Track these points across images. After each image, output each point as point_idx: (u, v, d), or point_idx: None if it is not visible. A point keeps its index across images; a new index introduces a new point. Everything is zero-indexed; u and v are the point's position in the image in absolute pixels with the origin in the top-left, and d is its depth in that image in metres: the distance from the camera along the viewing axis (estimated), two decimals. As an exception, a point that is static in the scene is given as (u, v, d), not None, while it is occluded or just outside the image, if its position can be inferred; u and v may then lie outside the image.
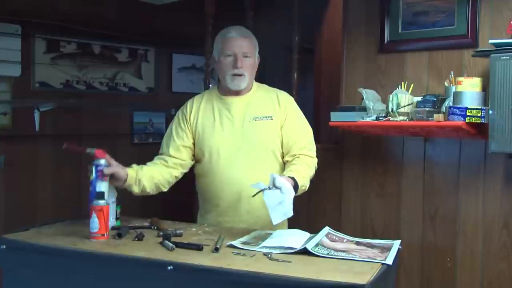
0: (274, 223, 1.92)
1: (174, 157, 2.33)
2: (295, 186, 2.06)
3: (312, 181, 2.28)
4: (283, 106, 2.32)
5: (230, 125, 2.28)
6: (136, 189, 2.21)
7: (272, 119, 2.29)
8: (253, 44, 2.30)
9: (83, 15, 3.93)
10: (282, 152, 2.31)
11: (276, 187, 1.92)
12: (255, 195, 2.01)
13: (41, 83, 3.84)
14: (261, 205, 2.10)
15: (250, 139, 2.26)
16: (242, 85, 2.28)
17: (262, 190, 1.93)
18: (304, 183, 2.16)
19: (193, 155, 2.36)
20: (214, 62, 2.34)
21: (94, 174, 2.09)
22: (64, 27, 3.82)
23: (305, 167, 2.22)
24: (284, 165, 2.30)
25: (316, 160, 2.31)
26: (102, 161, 2.09)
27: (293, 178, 2.07)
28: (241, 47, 2.24)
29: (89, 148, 2.11)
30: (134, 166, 2.23)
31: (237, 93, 2.31)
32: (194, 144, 2.34)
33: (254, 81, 2.38)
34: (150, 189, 2.25)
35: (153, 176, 2.26)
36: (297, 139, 2.29)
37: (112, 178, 2.11)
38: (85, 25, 3.93)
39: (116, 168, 2.12)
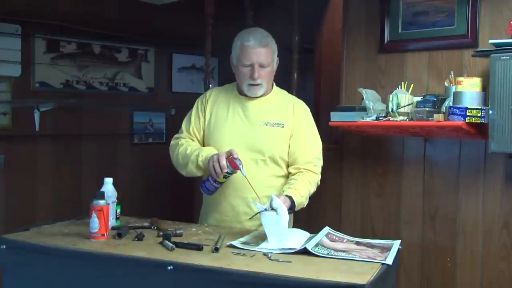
0: (271, 243, 1.90)
1: (193, 141, 2.37)
2: (292, 206, 2.09)
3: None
4: (297, 115, 2.31)
5: (241, 125, 2.28)
6: None
7: (283, 127, 2.28)
8: (271, 51, 2.26)
9: (83, 15, 3.93)
10: (288, 161, 2.30)
11: (273, 209, 1.94)
12: (252, 217, 2.07)
13: (41, 83, 3.83)
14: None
15: (257, 142, 2.26)
16: (259, 93, 2.28)
17: (259, 212, 1.95)
18: (302, 202, 2.18)
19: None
20: (232, 65, 2.33)
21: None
22: (64, 27, 3.82)
23: (306, 184, 2.21)
24: (287, 174, 2.30)
25: (319, 177, 2.31)
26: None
27: (290, 197, 2.09)
28: (259, 57, 2.21)
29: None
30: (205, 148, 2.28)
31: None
32: (203, 134, 2.36)
33: (274, 84, 2.38)
34: None
35: None
36: (304, 151, 2.28)
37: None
38: (85, 25, 3.93)
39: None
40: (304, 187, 2.20)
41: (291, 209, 2.10)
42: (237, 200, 2.26)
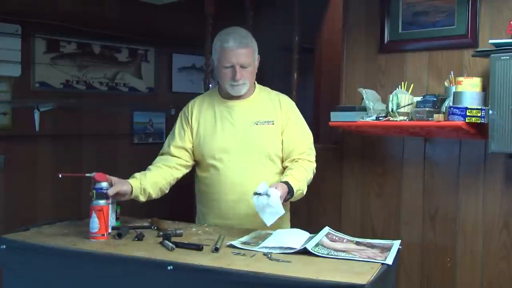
0: (268, 224, 1.97)
1: (176, 157, 2.33)
2: (290, 189, 2.09)
3: (312, 181, 2.29)
4: (284, 110, 2.31)
5: (231, 129, 2.28)
6: (142, 198, 2.21)
7: (273, 123, 2.28)
8: (252, 51, 2.23)
9: (83, 15, 3.93)
10: (282, 157, 2.31)
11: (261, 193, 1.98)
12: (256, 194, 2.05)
13: (41, 83, 3.84)
14: None
15: (251, 143, 2.25)
16: (243, 91, 2.27)
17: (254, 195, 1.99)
18: (300, 187, 2.16)
19: (194, 157, 2.36)
20: (214, 66, 2.31)
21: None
22: (64, 27, 3.82)
23: (301, 170, 2.22)
24: (283, 170, 2.29)
25: (314, 164, 2.31)
26: (104, 184, 2.05)
27: (286, 183, 2.09)
28: (239, 59, 2.19)
29: (88, 173, 2.09)
30: (137, 175, 2.22)
31: (239, 96, 2.30)
32: (193, 146, 2.34)
33: (256, 83, 2.38)
34: (155, 195, 2.25)
35: (157, 182, 2.25)
36: (297, 144, 2.29)
37: (117, 195, 2.09)
38: (85, 25, 3.94)
39: (119, 186, 2.09)
40: (299, 172, 2.20)
41: (290, 193, 2.10)
42: (239, 203, 2.25)
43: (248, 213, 2.24)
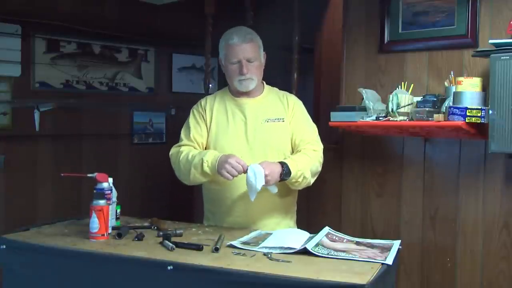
0: (251, 199, 2.10)
1: (195, 147, 2.34)
2: (287, 169, 2.11)
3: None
4: (291, 107, 2.36)
5: (243, 126, 2.30)
6: None
7: (283, 121, 2.32)
8: (257, 46, 2.30)
9: (83, 15, 3.93)
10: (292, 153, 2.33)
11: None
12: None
13: (41, 83, 3.84)
14: (271, 205, 2.10)
15: (262, 140, 2.27)
16: (251, 87, 2.30)
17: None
18: (299, 168, 2.16)
19: None
20: (222, 65, 2.36)
21: None
22: (64, 27, 3.82)
23: (302, 156, 2.24)
24: None
25: (320, 154, 2.32)
26: (105, 185, 2.06)
27: (281, 162, 2.12)
28: (245, 53, 2.25)
29: (89, 173, 2.10)
30: (197, 151, 2.27)
31: (249, 94, 2.34)
32: (206, 141, 2.35)
33: (265, 84, 2.42)
34: None
35: None
36: (303, 137, 2.32)
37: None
38: (85, 25, 3.94)
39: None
40: (299, 157, 2.22)
41: (286, 174, 2.12)
42: (241, 197, 2.24)
43: (259, 210, 2.24)
